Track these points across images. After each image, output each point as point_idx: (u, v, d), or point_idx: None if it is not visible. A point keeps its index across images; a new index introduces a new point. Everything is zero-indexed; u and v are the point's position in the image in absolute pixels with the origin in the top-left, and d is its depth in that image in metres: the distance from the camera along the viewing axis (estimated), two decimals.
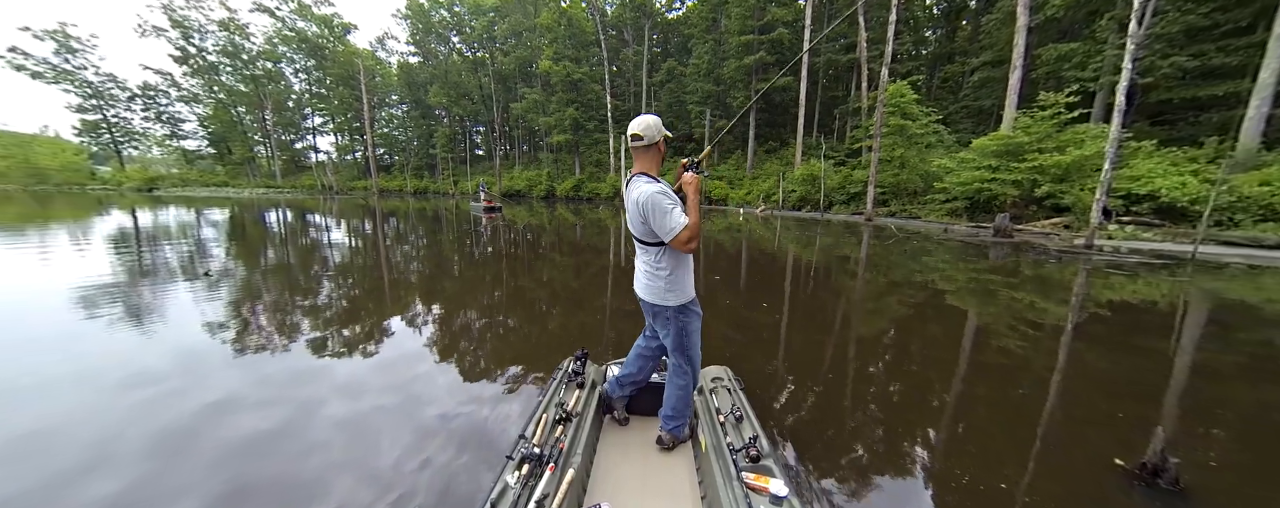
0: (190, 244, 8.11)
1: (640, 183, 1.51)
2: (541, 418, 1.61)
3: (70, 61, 35.17)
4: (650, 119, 1.54)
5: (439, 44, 37.09)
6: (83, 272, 5.47)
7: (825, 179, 16.74)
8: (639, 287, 1.70)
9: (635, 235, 1.62)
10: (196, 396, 2.45)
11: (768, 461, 1.45)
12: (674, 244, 1.48)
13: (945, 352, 3.35)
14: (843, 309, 4.60)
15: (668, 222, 1.45)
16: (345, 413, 2.30)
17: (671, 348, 1.72)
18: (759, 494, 1.30)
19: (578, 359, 2.06)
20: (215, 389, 2.54)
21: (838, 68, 22.60)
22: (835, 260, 7.36)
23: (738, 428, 1.66)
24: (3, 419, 2.14)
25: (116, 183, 37.64)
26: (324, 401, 2.44)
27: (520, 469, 1.31)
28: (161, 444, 2.01)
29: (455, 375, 2.85)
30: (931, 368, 3.03)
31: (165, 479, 1.79)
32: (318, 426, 2.18)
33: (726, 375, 2.13)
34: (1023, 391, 2.66)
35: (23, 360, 2.87)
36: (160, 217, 13.62)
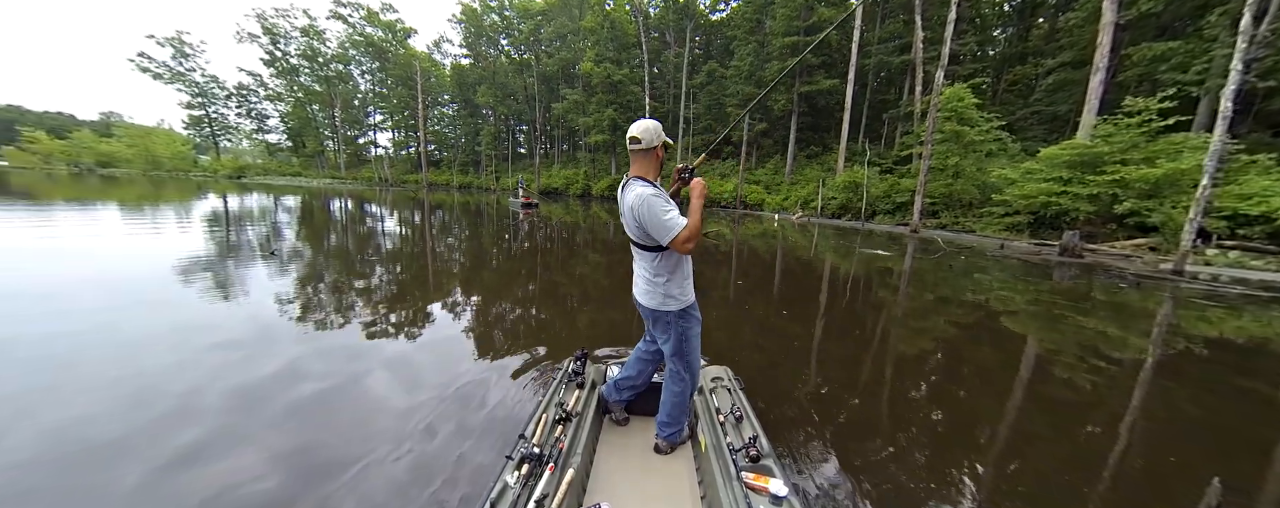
0: (267, 226, 9.13)
1: (636, 186, 1.50)
2: (541, 418, 1.61)
3: (183, 64, 40.32)
4: (650, 123, 1.53)
5: (489, 47, 38.91)
6: (183, 246, 6.34)
7: (869, 187, 15.85)
8: (638, 292, 1.68)
9: (633, 240, 1.60)
10: (258, 357, 2.81)
11: (767, 460, 1.44)
12: (672, 246, 1.46)
13: (999, 379, 3.04)
14: (882, 325, 4.29)
15: (664, 224, 1.43)
16: (384, 381, 2.57)
17: (670, 353, 1.69)
18: (759, 494, 1.29)
19: (578, 359, 2.05)
20: (274, 353, 2.88)
21: (890, 70, 21.36)
22: (876, 273, 6.92)
23: (738, 428, 1.64)
24: (118, 372, 2.49)
25: (213, 170, 42.67)
26: (367, 370, 2.71)
27: (520, 469, 1.32)
28: (229, 399, 2.29)
29: (472, 349, 3.16)
30: (982, 395, 2.76)
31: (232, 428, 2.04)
32: (362, 390, 2.45)
33: (726, 375, 2.09)
34: (1092, 430, 2.35)
35: (137, 322, 3.34)
36: (245, 201, 15.47)
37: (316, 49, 40.65)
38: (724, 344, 3.39)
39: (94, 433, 1.97)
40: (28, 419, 2.05)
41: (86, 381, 2.42)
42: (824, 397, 2.63)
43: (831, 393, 2.68)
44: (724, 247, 9.38)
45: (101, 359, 2.67)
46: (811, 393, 2.66)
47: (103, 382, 2.41)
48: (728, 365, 2.24)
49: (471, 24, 37.88)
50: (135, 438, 1.94)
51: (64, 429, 1.99)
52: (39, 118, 68.03)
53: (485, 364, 2.92)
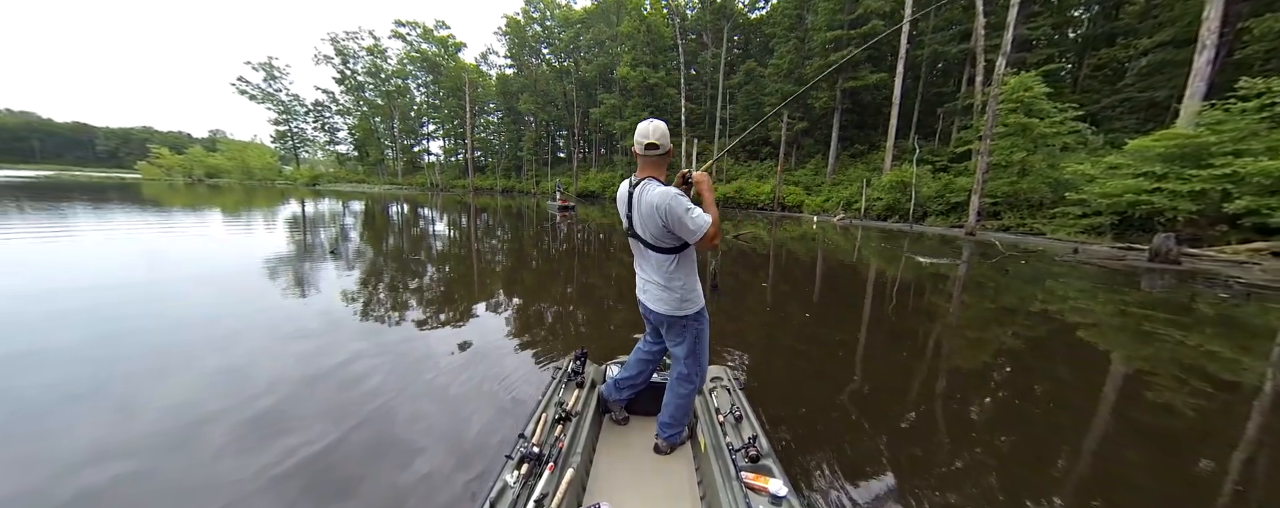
0: (336, 229, 10.22)
1: (654, 186, 1.49)
2: (541, 417, 1.62)
3: (271, 86, 45.81)
4: (662, 125, 1.53)
5: (531, 56, 40.65)
6: (268, 246, 7.27)
7: (918, 186, 14.76)
8: (649, 299, 1.64)
9: (647, 242, 1.55)
10: (326, 346, 3.13)
11: (767, 460, 1.43)
12: (702, 243, 1.46)
13: (1076, 400, 2.68)
14: (935, 334, 3.95)
15: (691, 221, 1.43)
16: (436, 370, 2.79)
17: (685, 355, 1.68)
18: (758, 494, 1.28)
19: (577, 359, 2.06)
20: (338, 341, 3.21)
21: (947, 60, 19.81)
22: (927, 278, 6.38)
23: (737, 428, 1.63)
24: (218, 360, 2.86)
25: (293, 179, 47.87)
26: (416, 354, 2.99)
27: (519, 469, 1.32)
28: (303, 383, 2.57)
29: (501, 331, 3.45)
30: (1056, 416, 2.44)
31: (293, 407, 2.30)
32: (413, 377, 2.66)
33: (726, 376, 2.09)
34: (1202, 465, 2.03)
35: (232, 313, 3.84)
36: (319, 206, 17.32)
37: (379, 66, 44.60)
38: (760, 354, 3.27)
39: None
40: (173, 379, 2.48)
41: (199, 356, 2.91)
42: (866, 408, 2.46)
43: (874, 405, 2.50)
44: (762, 249, 9.13)
45: (207, 344, 3.18)
46: (851, 405, 2.50)
47: (208, 355, 2.88)
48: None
49: (515, 35, 39.79)
50: (233, 414, 2.25)
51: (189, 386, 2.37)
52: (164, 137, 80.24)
53: (519, 354, 3.10)
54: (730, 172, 25.53)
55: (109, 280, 4.63)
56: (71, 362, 2.71)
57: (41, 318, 3.45)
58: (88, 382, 2.47)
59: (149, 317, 3.57)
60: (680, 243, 1.53)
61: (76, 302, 3.88)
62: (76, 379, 2.49)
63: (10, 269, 4.98)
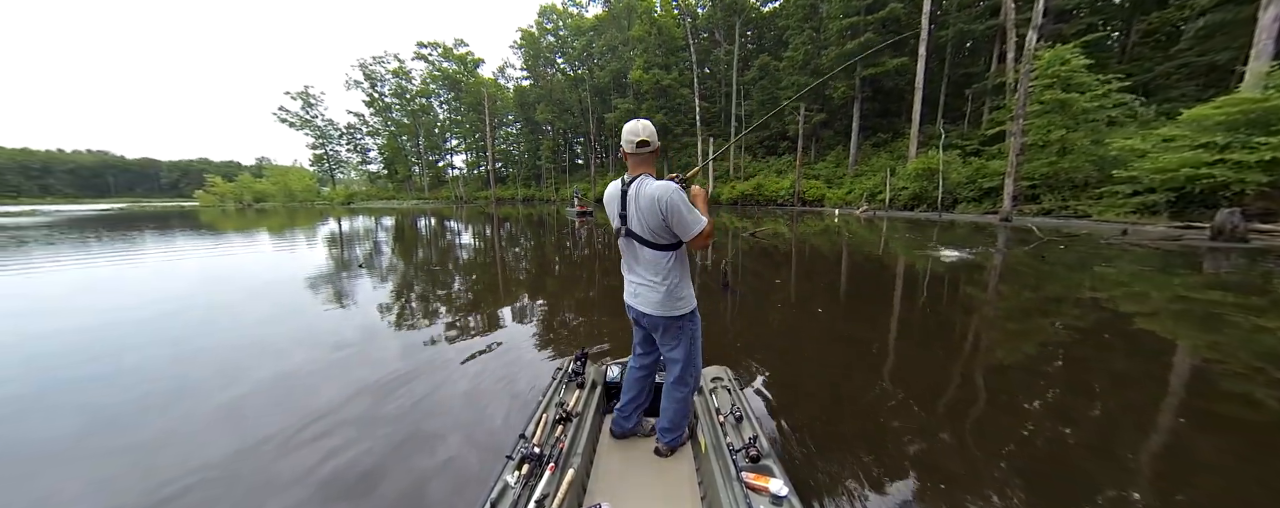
0: (369, 244, 10.85)
1: (650, 180, 1.49)
2: (541, 418, 1.61)
3: (309, 113, 48.99)
4: (649, 123, 1.55)
5: (546, 66, 41.59)
6: (308, 261, 7.84)
7: (946, 172, 14.07)
8: (641, 302, 1.60)
9: (644, 238, 1.52)
10: (364, 353, 3.36)
11: (767, 460, 1.41)
12: (697, 241, 1.46)
13: (1140, 393, 2.47)
14: (974, 328, 3.70)
15: (690, 218, 1.44)
16: (461, 372, 2.96)
17: (681, 358, 1.65)
18: (759, 494, 1.27)
19: (577, 359, 2.06)
20: (374, 348, 3.44)
21: (974, 39, 18.83)
22: (961, 268, 6.02)
23: (737, 428, 1.62)
24: (267, 369, 3.05)
25: (330, 199, 50.86)
26: (445, 356, 3.19)
27: (520, 469, 1.31)
28: (349, 386, 2.81)
29: (526, 330, 3.62)
30: (1119, 412, 2.26)
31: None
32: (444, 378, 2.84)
33: (726, 376, 2.07)
34: None
35: (275, 327, 4.13)
36: (353, 223, 18.41)
37: (404, 87, 46.87)
38: (781, 355, 3.22)
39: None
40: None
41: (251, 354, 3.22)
42: (897, 408, 2.34)
43: (906, 403, 2.38)
44: (783, 246, 8.96)
45: (259, 350, 3.51)
46: (880, 404, 2.40)
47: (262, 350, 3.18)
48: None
49: (530, 47, 40.84)
50: (291, 418, 2.49)
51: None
52: (217, 167, 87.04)
53: (545, 350, 3.27)
54: (748, 169, 25.17)
55: (175, 296, 5.14)
56: (148, 373, 3.05)
57: (117, 330, 3.88)
58: (161, 379, 2.79)
59: (209, 332, 3.92)
60: (675, 240, 1.53)
61: (145, 315, 4.32)
62: (149, 378, 2.82)
63: (88, 291, 5.60)
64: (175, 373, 2.95)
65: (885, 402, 2.46)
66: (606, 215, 1.74)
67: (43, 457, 2.05)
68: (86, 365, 3.08)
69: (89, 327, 3.96)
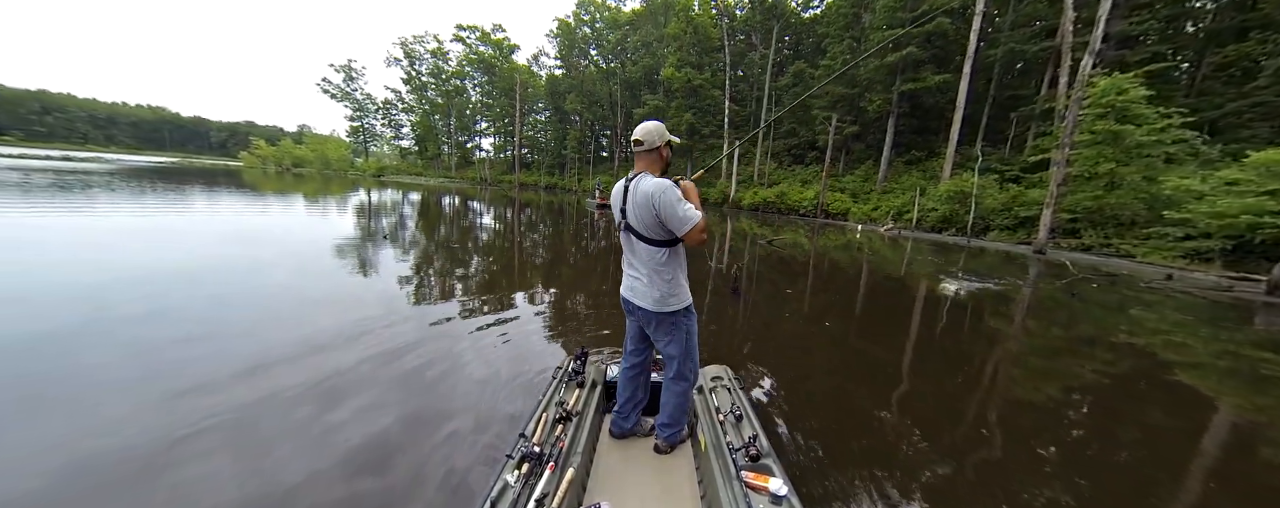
0: (396, 217, 11.41)
1: (648, 177, 1.53)
2: (541, 417, 1.62)
3: (349, 86, 50.60)
4: (651, 125, 1.58)
5: (580, 57, 41.77)
6: (338, 229, 8.36)
7: (980, 197, 13.50)
8: (637, 297, 1.62)
9: (641, 234, 1.55)
10: (388, 322, 3.55)
11: (767, 459, 1.42)
12: (690, 235, 1.48)
13: (1172, 450, 2.31)
14: (994, 359, 3.56)
15: (682, 213, 1.45)
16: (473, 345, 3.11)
17: (677, 353, 1.65)
18: (759, 493, 1.27)
19: (577, 358, 2.06)
20: (394, 316, 3.64)
21: (1026, 60, 17.95)
22: (987, 298, 5.74)
23: (737, 427, 1.62)
24: (302, 328, 3.25)
25: (363, 170, 52.72)
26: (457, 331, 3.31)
27: (520, 468, 1.32)
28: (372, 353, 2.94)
29: (536, 311, 3.77)
30: (1149, 465, 2.13)
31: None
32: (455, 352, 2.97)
33: (726, 375, 2.06)
34: None
35: (307, 288, 4.39)
36: (382, 195, 19.20)
37: (441, 68, 47.83)
38: (786, 359, 3.19)
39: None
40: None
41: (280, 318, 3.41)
42: (907, 438, 2.24)
43: (916, 433, 2.27)
44: (800, 257, 8.80)
45: (286, 311, 3.71)
46: (888, 432, 2.31)
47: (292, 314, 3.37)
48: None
49: (565, 38, 41.05)
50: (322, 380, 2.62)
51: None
52: (262, 131, 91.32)
53: (544, 328, 3.32)
54: (772, 176, 24.75)
55: (216, 251, 5.52)
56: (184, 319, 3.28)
57: (162, 280, 4.12)
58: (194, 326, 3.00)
59: (245, 291, 4.13)
60: (670, 237, 1.54)
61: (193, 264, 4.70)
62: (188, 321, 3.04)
63: (138, 236, 6.06)
64: (213, 315, 3.27)
65: (887, 420, 2.40)
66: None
67: (94, 383, 2.28)
68: (136, 304, 3.41)
69: (135, 272, 4.30)
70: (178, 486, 1.62)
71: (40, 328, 2.85)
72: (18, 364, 2.38)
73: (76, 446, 1.79)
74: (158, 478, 1.65)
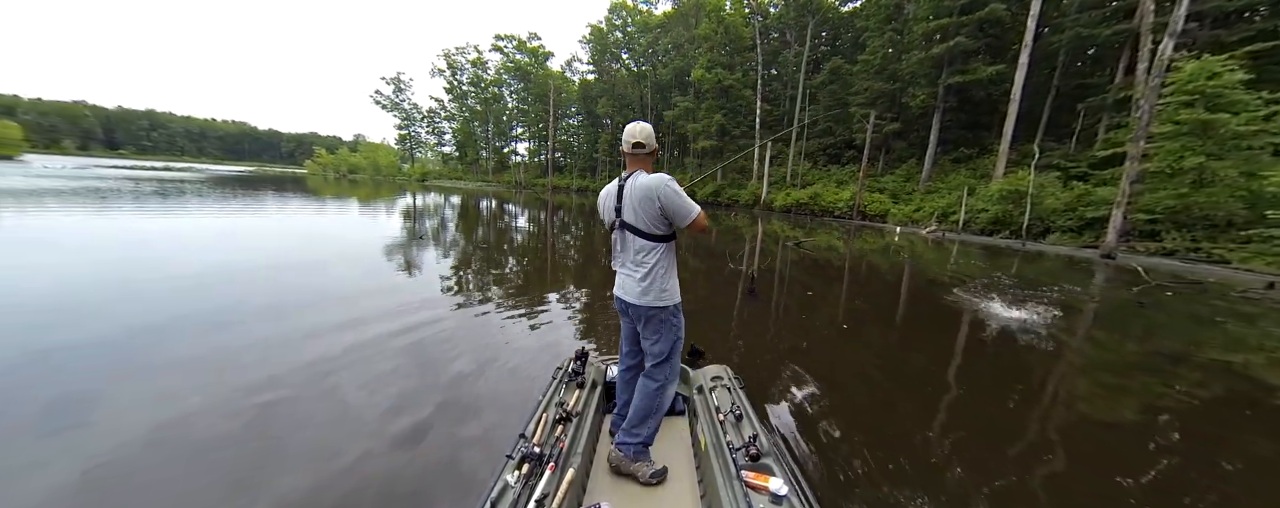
0: (437, 219, 12.45)
1: (644, 174, 1.56)
2: (541, 417, 1.62)
3: (398, 97, 54.40)
4: (648, 127, 1.64)
5: (612, 62, 42.44)
6: (386, 228, 9.36)
7: (1040, 196, 12.34)
8: (630, 295, 1.60)
9: (637, 228, 1.55)
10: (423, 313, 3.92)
11: (767, 459, 1.41)
12: (694, 226, 1.52)
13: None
14: (1056, 375, 3.17)
15: (687, 204, 1.49)
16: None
17: (660, 351, 1.62)
18: (759, 493, 1.27)
19: (577, 359, 2.06)
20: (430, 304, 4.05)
21: (1098, 46, 16.26)
22: (1044, 305, 5.10)
23: (737, 427, 1.62)
24: (350, 317, 3.65)
25: (409, 175, 56.42)
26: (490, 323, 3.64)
27: (520, 469, 1.32)
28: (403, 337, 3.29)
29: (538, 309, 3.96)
30: (1258, 505, 1.86)
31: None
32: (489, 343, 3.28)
33: (726, 374, 2.03)
34: None
35: (359, 282, 4.90)
36: (426, 199, 20.75)
37: (480, 76, 50.30)
38: (798, 362, 3.08)
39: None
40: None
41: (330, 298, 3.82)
42: (957, 461, 2.02)
43: (966, 456, 2.05)
44: (833, 259, 8.45)
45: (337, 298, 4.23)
46: (935, 454, 2.09)
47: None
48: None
49: (598, 43, 41.85)
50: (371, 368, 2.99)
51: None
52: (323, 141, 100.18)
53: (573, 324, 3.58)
54: (806, 176, 23.90)
55: (280, 247, 6.38)
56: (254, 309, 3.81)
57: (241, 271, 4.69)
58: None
59: (304, 285, 4.69)
60: (668, 232, 1.56)
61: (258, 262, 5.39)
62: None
63: (221, 235, 7.12)
64: (272, 303, 3.78)
65: (917, 432, 2.22)
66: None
67: (173, 357, 2.77)
68: (217, 288, 4.07)
69: (215, 263, 5.02)
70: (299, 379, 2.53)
71: (210, 303, 3.72)
72: (215, 318, 3.39)
73: (268, 357, 2.77)
74: (301, 375, 2.57)
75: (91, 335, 2.90)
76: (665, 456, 1.72)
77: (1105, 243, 10.01)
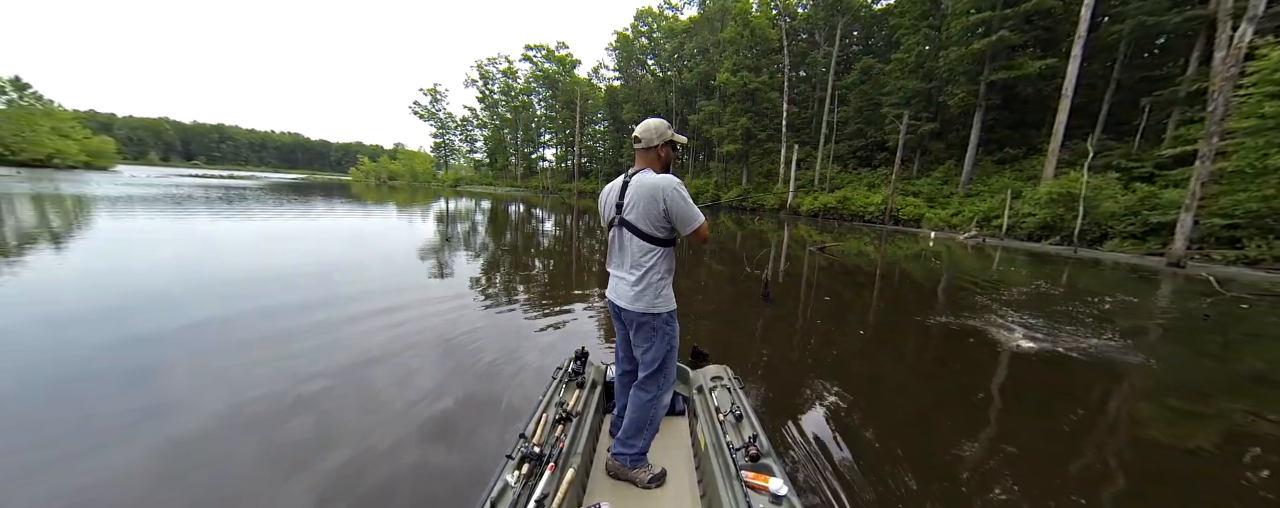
0: (468, 222, 13.15)
1: (651, 173, 1.50)
2: (541, 417, 1.61)
3: (434, 107, 57.35)
4: (654, 123, 1.56)
5: (638, 67, 42.93)
6: (420, 232, 9.94)
7: (1097, 199, 11.36)
8: (621, 299, 1.54)
9: (638, 228, 1.48)
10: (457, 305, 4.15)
11: (767, 459, 1.41)
12: (696, 234, 1.48)
13: None
14: (1112, 396, 2.86)
15: (692, 211, 1.45)
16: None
17: (655, 359, 1.54)
18: (759, 493, 1.27)
19: (577, 359, 2.06)
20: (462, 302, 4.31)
21: (1166, 33, 14.85)
22: (1104, 318, 4.53)
23: (737, 427, 1.61)
24: (391, 316, 3.85)
25: (443, 181, 59.20)
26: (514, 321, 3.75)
27: (520, 469, 1.31)
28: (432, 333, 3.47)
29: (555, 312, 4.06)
30: None
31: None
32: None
33: (726, 374, 2.02)
34: None
35: (393, 281, 5.21)
36: (458, 203, 21.80)
37: (511, 85, 52.26)
38: (806, 368, 2.99)
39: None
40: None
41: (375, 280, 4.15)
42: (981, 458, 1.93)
43: (996, 453, 1.94)
44: (855, 265, 8.15)
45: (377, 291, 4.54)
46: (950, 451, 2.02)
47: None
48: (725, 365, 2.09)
49: (624, 50, 42.48)
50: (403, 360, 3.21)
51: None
52: (366, 149, 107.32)
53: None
54: (835, 180, 23.12)
55: (326, 248, 6.92)
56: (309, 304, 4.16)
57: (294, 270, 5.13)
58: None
59: (346, 281, 5.05)
60: (669, 236, 1.50)
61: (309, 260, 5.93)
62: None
63: (273, 238, 7.75)
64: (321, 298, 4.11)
65: (950, 447, 2.07)
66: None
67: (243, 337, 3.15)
68: (267, 285, 4.47)
69: (269, 264, 5.50)
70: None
71: (267, 302, 4.00)
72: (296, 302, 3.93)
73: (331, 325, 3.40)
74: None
75: (174, 322, 3.32)
76: (665, 456, 1.70)
77: (1172, 250, 9.06)
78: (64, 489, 1.58)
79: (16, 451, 1.80)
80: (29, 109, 37.33)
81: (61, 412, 2.08)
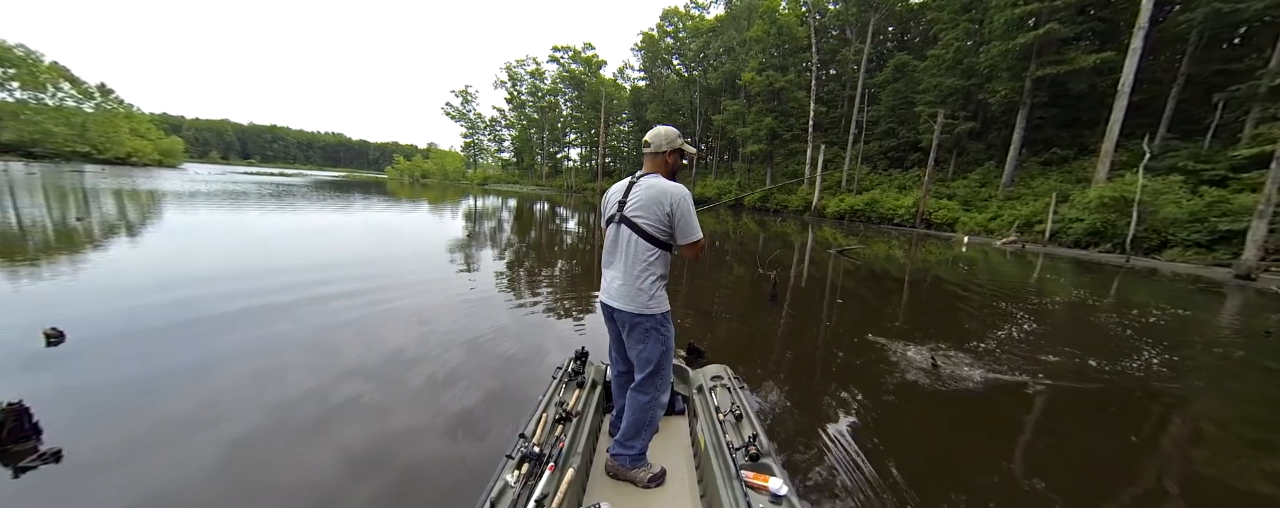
0: (495, 220, 13.83)
1: (661, 179, 1.52)
2: (541, 417, 1.61)
3: (465, 107, 59.48)
4: (665, 130, 1.58)
5: (663, 68, 42.94)
6: (450, 226, 10.72)
7: (1159, 204, 10.40)
8: (614, 300, 1.54)
9: (639, 227, 1.48)
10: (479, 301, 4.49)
11: (767, 459, 1.41)
12: (692, 249, 1.51)
13: None
14: (1173, 420, 2.64)
15: (693, 224, 1.48)
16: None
17: (650, 360, 1.53)
18: (759, 493, 1.27)
19: (577, 358, 2.06)
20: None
21: (1244, 22, 13.44)
22: (1153, 331, 4.13)
23: (737, 427, 1.62)
24: (420, 311, 4.09)
25: (472, 180, 61.30)
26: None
27: (520, 469, 1.31)
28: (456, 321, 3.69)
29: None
30: None
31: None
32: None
33: (726, 374, 2.01)
34: None
35: (431, 282, 5.42)
36: (486, 201, 22.86)
37: (538, 86, 53.50)
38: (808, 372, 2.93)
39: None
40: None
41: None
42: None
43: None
44: (877, 269, 7.83)
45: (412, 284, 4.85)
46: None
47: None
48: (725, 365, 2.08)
49: (650, 50, 42.57)
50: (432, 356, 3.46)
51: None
52: (401, 149, 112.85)
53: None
54: (864, 181, 22.28)
55: (363, 241, 7.56)
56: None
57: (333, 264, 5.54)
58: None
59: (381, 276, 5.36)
60: (668, 239, 1.50)
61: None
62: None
63: (317, 232, 8.44)
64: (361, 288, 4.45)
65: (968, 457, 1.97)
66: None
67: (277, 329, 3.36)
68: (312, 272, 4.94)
69: (313, 256, 6.05)
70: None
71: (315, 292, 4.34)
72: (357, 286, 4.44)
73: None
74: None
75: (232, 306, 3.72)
76: (665, 455, 1.69)
77: (1241, 261, 8.18)
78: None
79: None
80: (112, 113, 41.57)
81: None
